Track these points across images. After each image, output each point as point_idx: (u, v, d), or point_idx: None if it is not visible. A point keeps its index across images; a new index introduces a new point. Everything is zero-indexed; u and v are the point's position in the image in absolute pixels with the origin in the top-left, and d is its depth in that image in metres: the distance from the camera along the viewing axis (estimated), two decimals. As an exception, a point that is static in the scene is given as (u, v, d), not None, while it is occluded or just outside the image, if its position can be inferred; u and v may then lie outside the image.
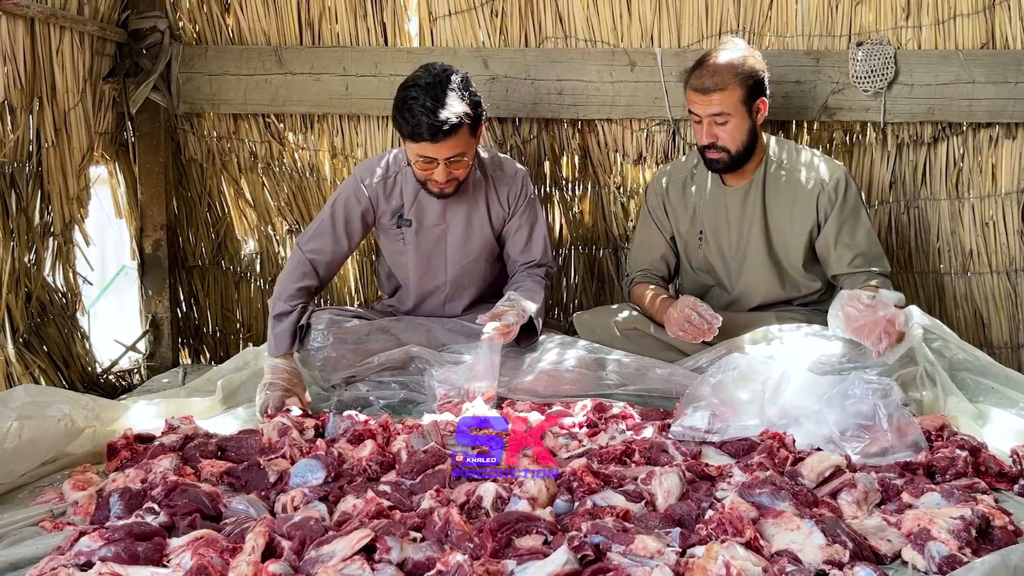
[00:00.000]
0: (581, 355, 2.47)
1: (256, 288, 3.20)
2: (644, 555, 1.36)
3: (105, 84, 2.83)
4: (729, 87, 2.42)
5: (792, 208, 2.54)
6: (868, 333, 2.23)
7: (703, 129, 2.47)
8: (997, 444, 1.94)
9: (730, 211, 2.59)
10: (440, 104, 2.31)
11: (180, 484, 1.64)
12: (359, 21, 2.96)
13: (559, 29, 2.94)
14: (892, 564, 1.46)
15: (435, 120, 2.30)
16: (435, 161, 2.39)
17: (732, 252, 2.62)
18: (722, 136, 2.46)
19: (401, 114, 2.35)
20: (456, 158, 2.40)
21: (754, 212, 2.57)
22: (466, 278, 2.68)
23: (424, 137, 2.33)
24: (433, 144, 2.34)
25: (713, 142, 2.47)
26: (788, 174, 2.55)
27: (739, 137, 2.47)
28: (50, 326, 2.61)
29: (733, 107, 2.43)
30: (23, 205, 2.46)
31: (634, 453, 1.88)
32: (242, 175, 3.12)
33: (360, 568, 1.32)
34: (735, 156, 2.49)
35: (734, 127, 2.45)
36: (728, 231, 2.61)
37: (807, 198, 2.53)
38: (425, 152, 2.37)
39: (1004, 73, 2.78)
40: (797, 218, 2.54)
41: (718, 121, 2.45)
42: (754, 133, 2.50)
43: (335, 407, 2.36)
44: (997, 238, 2.93)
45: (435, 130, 2.31)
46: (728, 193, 2.59)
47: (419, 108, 2.31)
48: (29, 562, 1.42)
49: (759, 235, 2.57)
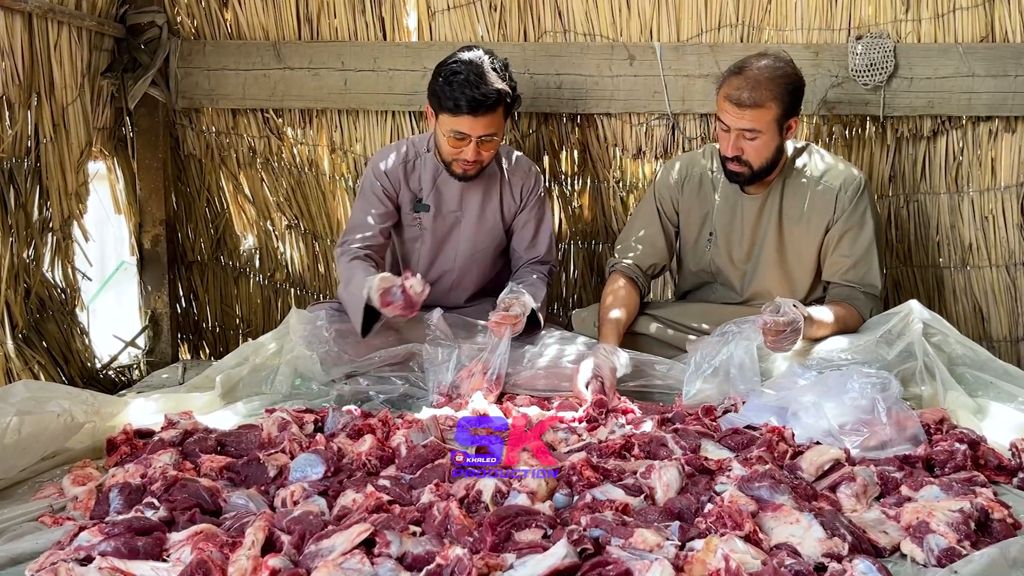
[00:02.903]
0: (580, 350, 2.47)
1: (255, 284, 3.20)
2: (643, 548, 1.37)
3: (103, 79, 2.82)
4: (766, 105, 2.31)
5: (809, 216, 2.48)
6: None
7: (730, 140, 2.37)
8: (996, 437, 1.94)
9: (745, 217, 2.54)
10: (482, 80, 2.37)
11: (180, 479, 1.64)
12: (357, 16, 2.95)
13: (558, 23, 2.94)
14: (891, 557, 1.46)
15: (476, 94, 2.35)
16: (467, 139, 2.42)
17: (742, 258, 2.58)
18: (748, 151, 2.37)
19: (442, 88, 2.39)
20: (488, 137, 2.44)
21: (770, 220, 2.52)
22: (474, 268, 2.70)
23: (464, 110, 2.37)
24: (471, 119, 2.38)
25: (738, 155, 2.38)
26: (808, 182, 2.49)
27: (765, 154, 2.38)
28: (49, 322, 2.61)
29: (766, 126, 2.33)
30: (22, 201, 2.46)
31: (633, 447, 1.88)
32: (241, 170, 3.12)
33: (360, 562, 1.32)
34: (757, 171, 2.41)
35: (762, 144, 2.36)
36: (741, 237, 2.56)
37: (823, 204, 2.47)
38: (461, 127, 2.40)
39: (1004, 66, 2.77)
40: (812, 225, 2.49)
41: (747, 136, 2.35)
42: (781, 150, 2.43)
43: (335, 402, 2.36)
44: (997, 232, 2.93)
45: (476, 104, 2.36)
46: (745, 200, 2.53)
47: (462, 82, 2.36)
48: (29, 557, 1.42)
49: (772, 244, 2.53)
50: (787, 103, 2.35)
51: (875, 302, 2.49)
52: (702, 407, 2.16)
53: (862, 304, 2.46)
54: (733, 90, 2.33)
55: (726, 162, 2.42)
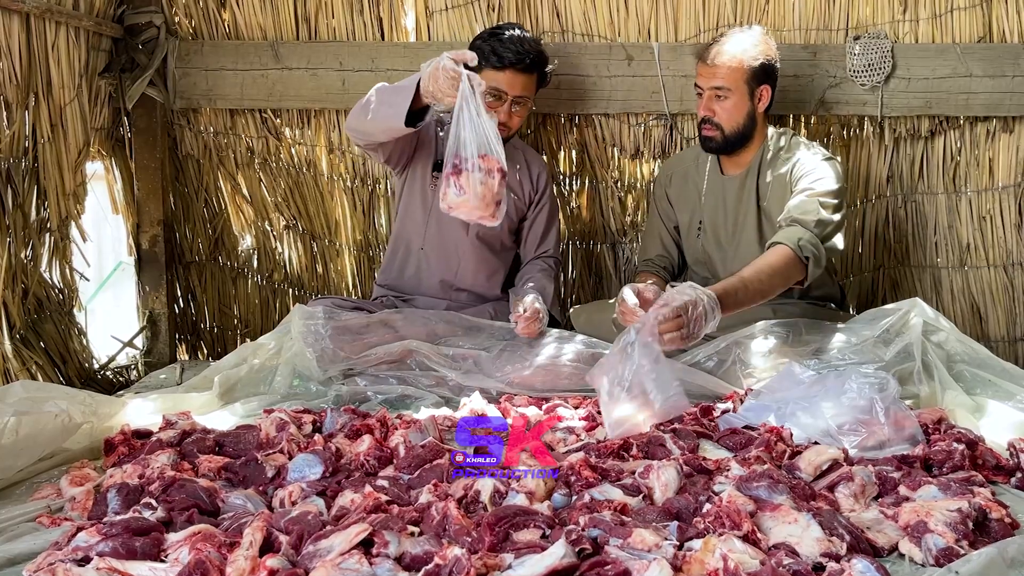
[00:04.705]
0: (579, 349, 2.47)
1: (253, 284, 3.20)
2: (642, 548, 1.36)
3: (101, 80, 2.82)
4: (735, 64, 2.45)
5: (784, 196, 2.51)
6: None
7: (702, 102, 2.51)
8: (994, 437, 1.94)
9: (727, 199, 2.60)
10: (527, 39, 2.56)
11: (178, 479, 1.64)
12: (355, 16, 2.95)
13: (556, 23, 2.94)
14: (889, 556, 1.46)
15: (522, 48, 2.51)
16: (503, 98, 2.53)
17: (728, 240, 2.62)
18: (719, 113, 2.49)
19: (489, 43, 2.51)
20: (521, 99, 2.56)
21: (749, 199, 2.57)
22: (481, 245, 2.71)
23: (510, 61, 2.50)
24: (515, 73, 2.51)
25: (709, 116, 2.49)
26: (784, 163, 2.54)
27: (736, 117, 2.49)
28: (47, 322, 2.61)
29: (735, 84, 2.46)
30: (19, 201, 2.46)
31: (632, 447, 1.88)
32: (239, 170, 3.11)
33: (358, 562, 1.32)
34: (728, 136, 2.51)
35: (732, 105, 2.47)
36: (725, 220, 2.61)
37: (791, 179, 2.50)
38: (500, 83, 2.51)
39: (1001, 66, 2.78)
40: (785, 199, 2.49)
41: (718, 95, 2.48)
42: (752, 119, 2.51)
43: (333, 402, 2.36)
44: (994, 232, 2.93)
45: (523, 56, 2.51)
46: (726, 182, 2.60)
47: (511, 36, 2.52)
48: (27, 558, 1.42)
49: (752, 222, 2.57)
50: (757, 67, 2.47)
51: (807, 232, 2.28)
52: (700, 407, 2.16)
53: (785, 233, 2.29)
54: (705, 52, 2.50)
55: (700, 128, 2.55)
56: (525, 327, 2.47)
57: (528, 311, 2.47)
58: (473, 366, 2.45)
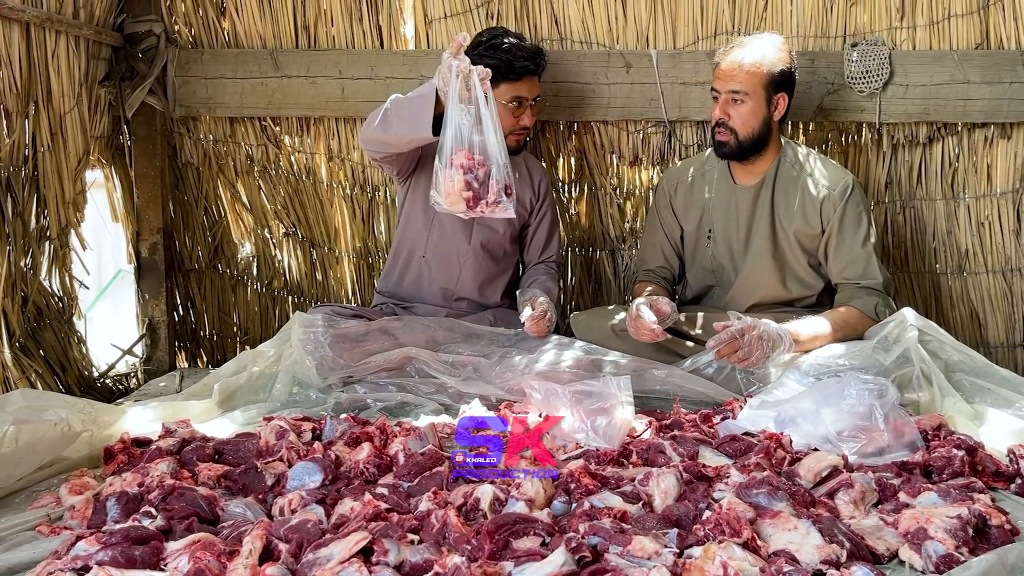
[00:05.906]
0: (578, 356, 2.47)
1: (253, 291, 3.20)
2: (642, 556, 1.37)
3: (101, 88, 2.82)
4: (755, 68, 2.44)
5: (802, 209, 2.53)
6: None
7: (717, 105, 2.50)
8: (994, 443, 1.94)
9: (740, 209, 2.59)
10: (526, 43, 2.61)
11: (177, 488, 1.64)
12: (355, 24, 2.96)
13: (555, 31, 2.94)
14: (889, 563, 1.46)
15: (530, 53, 2.57)
16: (524, 104, 2.59)
17: (740, 249, 2.62)
18: (734, 117, 2.48)
19: (496, 57, 2.52)
20: (536, 100, 2.63)
21: (763, 209, 2.56)
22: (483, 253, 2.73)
23: (528, 69, 2.56)
24: (531, 77, 2.58)
25: (724, 120, 2.48)
26: (800, 176, 2.54)
27: (751, 123, 2.47)
28: (47, 330, 2.61)
29: (753, 88, 2.45)
30: (19, 209, 2.46)
31: (631, 454, 1.88)
32: (238, 178, 3.12)
33: (357, 571, 1.32)
34: (742, 141, 2.49)
35: (748, 111, 2.46)
36: (737, 229, 2.61)
37: (814, 203, 2.52)
38: (520, 90, 2.57)
39: (999, 73, 2.78)
40: (806, 220, 2.53)
41: (735, 98, 2.47)
42: (768, 126, 2.50)
43: (332, 410, 2.36)
44: (993, 238, 2.93)
45: (534, 55, 2.58)
46: (738, 192, 2.59)
47: (513, 42, 2.55)
48: (26, 566, 1.42)
49: (766, 232, 2.56)
50: (776, 74, 2.47)
51: (880, 296, 2.47)
52: (700, 413, 2.17)
53: (863, 301, 2.46)
54: (723, 56, 2.50)
55: (714, 132, 2.54)
56: (535, 325, 2.50)
57: (538, 310, 2.50)
58: (473, 373, 2.45)
